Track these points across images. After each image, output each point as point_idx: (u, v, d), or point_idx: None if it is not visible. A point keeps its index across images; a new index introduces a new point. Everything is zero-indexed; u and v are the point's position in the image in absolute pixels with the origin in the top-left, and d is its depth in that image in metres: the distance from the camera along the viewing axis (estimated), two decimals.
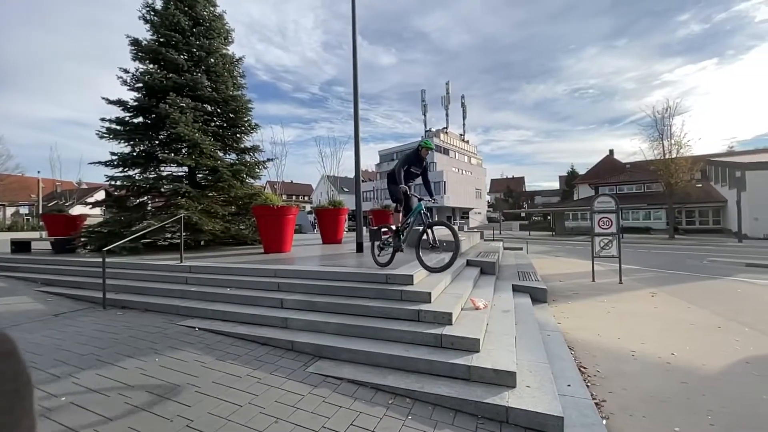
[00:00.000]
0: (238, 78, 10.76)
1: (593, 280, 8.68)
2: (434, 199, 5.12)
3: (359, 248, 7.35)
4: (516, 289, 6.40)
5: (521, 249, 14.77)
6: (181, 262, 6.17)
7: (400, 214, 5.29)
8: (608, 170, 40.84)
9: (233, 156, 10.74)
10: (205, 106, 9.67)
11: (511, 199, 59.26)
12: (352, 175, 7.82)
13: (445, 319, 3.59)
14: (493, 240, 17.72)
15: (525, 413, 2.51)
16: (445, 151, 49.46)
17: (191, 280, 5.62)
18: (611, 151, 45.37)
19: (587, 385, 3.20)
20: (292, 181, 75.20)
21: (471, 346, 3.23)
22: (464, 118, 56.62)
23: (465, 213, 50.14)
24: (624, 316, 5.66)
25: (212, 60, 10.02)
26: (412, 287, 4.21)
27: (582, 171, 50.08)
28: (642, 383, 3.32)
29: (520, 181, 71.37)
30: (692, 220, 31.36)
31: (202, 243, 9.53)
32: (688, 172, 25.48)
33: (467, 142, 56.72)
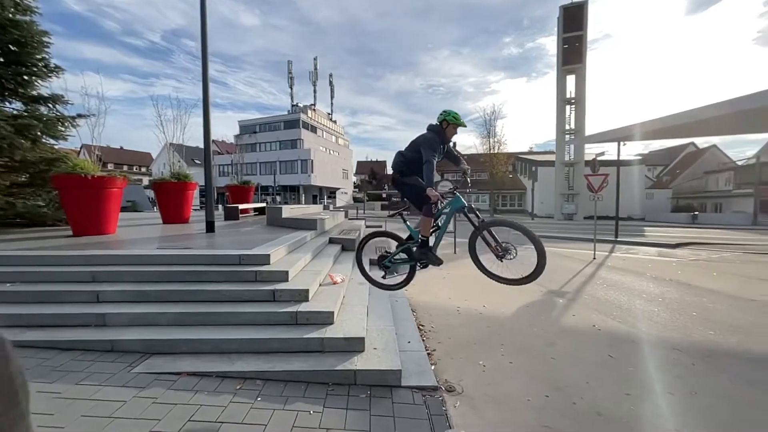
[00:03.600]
0: None
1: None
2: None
3: (210, 227, 6.56)
4: (373, 263, 6.91)
5: (381, 226, 16.02)
6: None
7: (422, 219, 3.33)
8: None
9: (18, 105, 7.81)
10: None
11: (375, 181, 63.20)
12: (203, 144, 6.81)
13: (302, 296, 3.58)
14: (357, 219, 18.64)
15: (371, 373, 2.77)
16: (313, 129, 48.56)
17: None
18: (455, 144, 53.33)
19: (423, 340, 3.76)
20: (122, 147, 60.62)
21: (326, 319, 3.33)
22: (332, 97, 56.47)
23: (332, 192, 50.91)
24: (455, 280, 6.85)
25: None
26: (268, 267, 4.02)
27: None
28: (461, 332, 4.12)
29: (383, 164, 76.68)
30: (506, 202, 40.25)
31: None
32: (505, 165, 32.33)
33: (335, 122, 57.00)
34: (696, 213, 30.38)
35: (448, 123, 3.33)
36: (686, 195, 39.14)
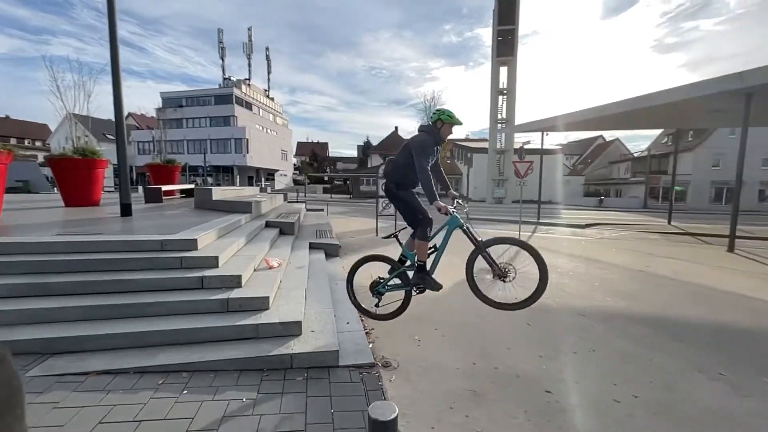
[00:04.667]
0: None
1: (377, 235, 10.31)
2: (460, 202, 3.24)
3: (126, 210, 5.85)
4: (313, 247, 6.80)
5: (322, 210, 15.74)
6: None
7: (415, 239, 3.17)
8: (394, 144, 48.51)
9: None
10: None
11: (316, 163, 61.51)
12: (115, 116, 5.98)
13: (234, 282, 3.40)
14: (297, 202, 18.08)
15: (308, 355, 2.76)
16: (248, 106, 45.31)
17: None
18: (396, 128, 53.85)
19: (362, 320, 3.82)
20: (8, 117, 50.82)
21: (261, 304, 3.21)
22: (269, 72, 53.03)
23: (270, 174, 48.52)
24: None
25: None
26: (195, 252, 3.72)
27: (375, 142, 57.35)
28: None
29: (325, 146, 74.84)
30: None
31: None
32: (445, 150, 33.59)
33: (272, 99, 53.82)
34: (602, 198, 34.87)
35: (443, 122, 3.09)
36: (595, 182, 44.54)
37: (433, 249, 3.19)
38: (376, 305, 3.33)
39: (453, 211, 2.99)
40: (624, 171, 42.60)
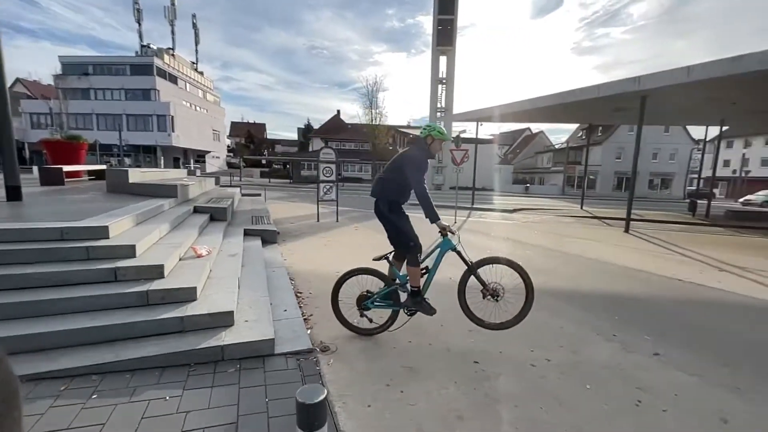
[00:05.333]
0: None
1: (318, 221, 10.12)
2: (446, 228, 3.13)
3: (13, 194, 4.96)
4: (248, 233, 6.45)
5: (259, 195, 14.96)
6: None
7: (408, 269, 3.10)
8: (336, 128, 47.58)
9: None
10: None
11: (252, 145, 57.91)
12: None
13: (155, 272, 3.09)
14: (231, 186, 16.93)
15: (240, 346, 2.64)
16: (173, 79, 40.72)
17: None
18: (338, 112, 52.88)
19: (300, 306, 3.75)
20: None
21: (187, 295, 2.97)
22: (197, 44, 48.11)
23: (201, 156, 44.61)
24: (336, 246, 7.00)
25: None
26: (106, 242, 3.30)
27: (316, 125, 55.69)
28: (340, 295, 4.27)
29: (262, 127, 70.62)
30: None
31: None
32: (386, 136, 33.84)
33: (201, 73, 49.05)
34: (528, 185, 38.19)
35: (433, 138, 3.12)
36: (523, 170, 48.55)
37: (425, 270, 3.18)
38: (364, 319, 3.21)
39: (446, 236, 3.07)
40: (547, 161, 46.98)
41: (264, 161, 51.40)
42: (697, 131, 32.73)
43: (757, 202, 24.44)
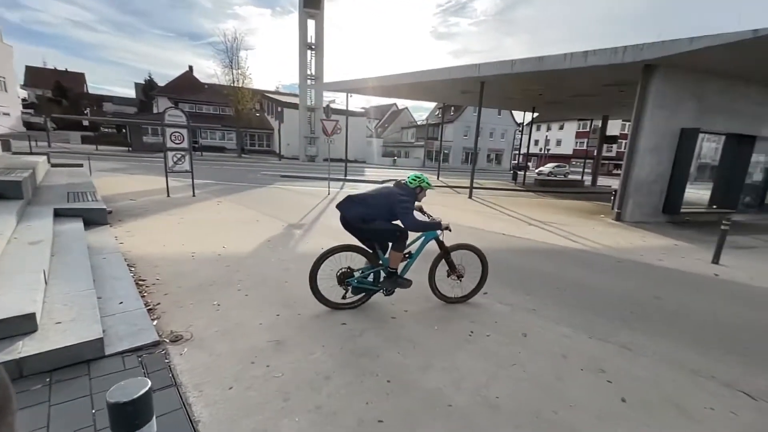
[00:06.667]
0: None
1: (168, 196, 8.64)
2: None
3: None
4: (61, 214, 5.04)
5: (81, 166, 11.73)
6: None
7: (392, 254, 3.20)
8: (189, 87, 40.42)
9: None
10: None
11: (65, 100, 44.12)
12: None
13: None
14: (33, 154, 12.74)
15: (49, 355, 2.08)
16: None
17: None
18: (191, 68, 44.79)
19: (143, 296, 3.19)
20: None
21: None
22: None
23: None
24: (192, 224, 6.14)
25: None
26: None
27: (162, 82, 46.21)
28: (196, 277, 3.80)
29: (79, 78, 54.30)
30: (254, 142, 39.10)
31: None
32: (251, 101, 30.68)
33: None
34: (395, 158, 41.13)
35: (422, 189, 3.33)
36: (391, 144, 51.81)
37: (408, 254, 3.37)
38: (343, 297, 3.27)
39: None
40: (411, 136, 51.25)
41: (87, 122, 40.04)
42: (519, 116, 40.90)
43: (545, 172, 32.56)
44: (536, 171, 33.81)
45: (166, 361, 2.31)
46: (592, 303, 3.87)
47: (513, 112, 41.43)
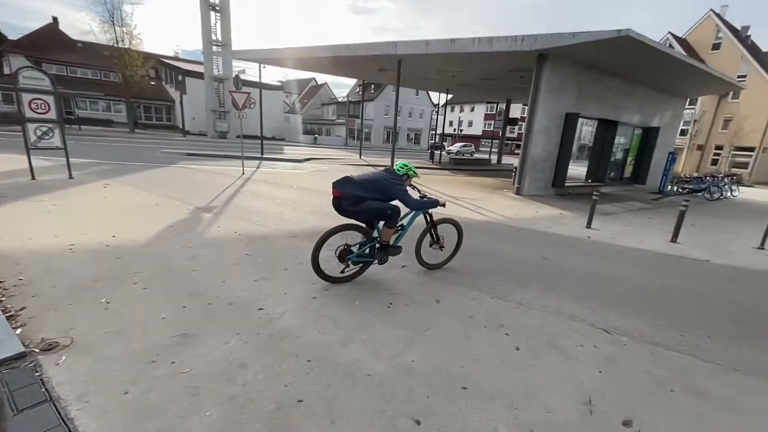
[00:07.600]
0: None
1: (33, 178, 7.09)
2: None
3: None
4: None
5: None
6: None
7: (384, 229, 3.50)
8: (54, 44, 32.72)
9: None
10: None
11: None
12: None
13: None
14: None
15: None
16: None
17: None
18: (55, 20, 36.21)
19: (1, 301, 2.60)
20: None
21: None
22: None
23: None
24: (69, 211, 5.15)
25: None
26: None
27: (14, 35, 36.67)
28: (75, 273, 3.23)
29: None
30: (150, 116, 33.95)
31: None
32: (143, 67, 26.33)
33: None
34: (316, 136, 39.76)
35: (409, 177, 3.69)
36: (311, 121, 49.87)
37: (400, 227, 3.70)
38: (342, 272, 3.50)
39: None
40: (331, 113, 49.95)
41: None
42: (435, 96, 42.68)
43: (453, 151, 35.15)
44: (445, 151, 36.08)
45: (37, 374, 1.94)
46: (495, 268, 4.36)
47: (430, 93, 43.01)
